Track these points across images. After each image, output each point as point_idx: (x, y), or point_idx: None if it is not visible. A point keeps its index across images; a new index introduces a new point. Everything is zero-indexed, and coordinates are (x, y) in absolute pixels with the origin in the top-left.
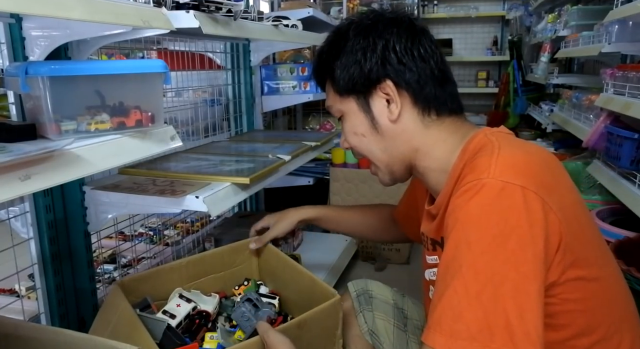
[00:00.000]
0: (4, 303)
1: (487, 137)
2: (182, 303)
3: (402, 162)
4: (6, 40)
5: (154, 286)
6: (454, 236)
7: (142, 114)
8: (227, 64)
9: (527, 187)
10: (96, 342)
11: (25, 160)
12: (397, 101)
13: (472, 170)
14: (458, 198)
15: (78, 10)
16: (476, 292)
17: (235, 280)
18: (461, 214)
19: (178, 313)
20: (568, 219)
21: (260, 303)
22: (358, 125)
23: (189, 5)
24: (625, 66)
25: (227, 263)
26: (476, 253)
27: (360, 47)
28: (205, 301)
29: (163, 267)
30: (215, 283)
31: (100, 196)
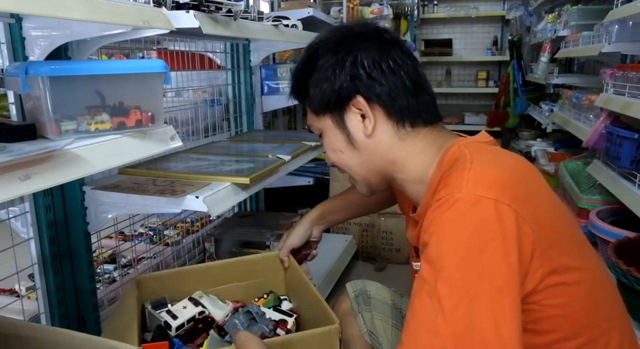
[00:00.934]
0: (4, 303)
1: (460, 150)
2: (190, 305)
3: (379, 174)
4: (6, 40)
5: (173, 286)
6: (429, 251)
7: (142, 114)
8: (227, 64)
9: (499, 200)
10: (96, 342)
11: (25, 160)
12: (370, 115)
13: (445, 185)
14: (432, 213)
15: (78, 10)
16: (451, 308)
17: (259, 291)
18: (435, 229)
19: (182, 314)
20: (543, 228)
21: (260, 318)
22: (335, 141)
23: (189, 5)
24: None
25: (251, 272)
26: (450, 268)
27: (330, 64)
28: (218, 308)
29: (183, 269)
30: (237, 292)
31: (100, 196)
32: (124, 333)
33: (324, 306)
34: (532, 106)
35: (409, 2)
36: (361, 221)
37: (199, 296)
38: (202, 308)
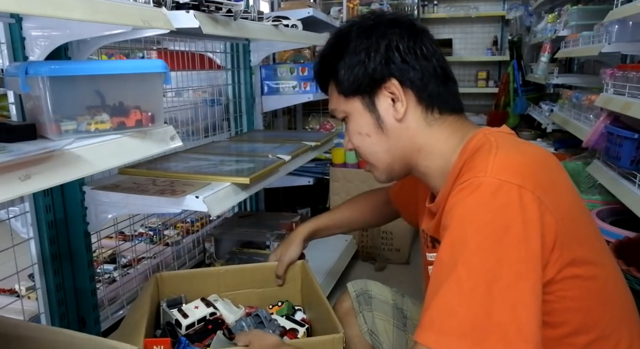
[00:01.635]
0: (4, 303)
1: (486, 137)
2: (202, 306)
3: (403, 161)
4: (6, 40)
5: (192, 286)
6: (450, 234)
7: (142, 114)
8: (227, 64)
9: (523, 186)
10: (96, 342)
11: (25, 160)
12: (403, 99)
13: (470, 169)
14: (455, 196)
15: (78, 10)
16: (469, 289)
17: (274, 299)
18: (457, 212)
19: (192, 314)
20: (564, 219)
21: (268, 323)
22: (363, 125)
23: (189, 5)
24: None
25: (268, 279)
26: (471, 251)
27: (364, 47)
28: (230, 311)
29: (203, 270)
30: (253, 298)
31: (100, 196)
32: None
33: (332, 316)
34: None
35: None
36: None
37: (214, 300)
38: (214, 309)
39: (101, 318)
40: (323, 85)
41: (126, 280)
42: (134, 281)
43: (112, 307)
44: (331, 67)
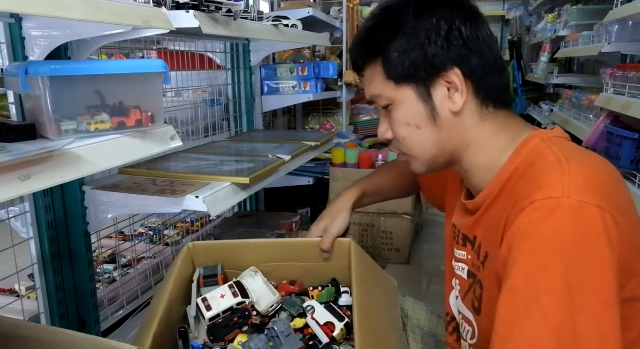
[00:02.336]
0: (4, 303)
1: (545, 144)
2: (228, 295)
3: (450, 155)
4: (6, 40)
5: (227, 257)
6: (526, 261)
7: (142, 114)
8: (227, 64)
9: (603, 207)
10: (96, 342)
11: (25, 160)
12: (464, 90)
13: (540, 187)
14: (526, 218)
15: (78, 10)
16: (557, 322)
17: (318, 275)
18: (534, 237)
19: (217, 305)
20: (633, 239)
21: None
22: (414, 115)
23: (189, 5)
24: (625, 66)
25: (314, 255)
26: (554, 279)
27: (424, 28)
28: (265, 295)
29: (238, 242)
30: (295, 272)
31: (100, 196)
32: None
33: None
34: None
35: None
36: (361, 221)
37: (253, 272)
38: (242, 298)
39: (101, 318)
40: (361, 64)
41: (126, 280)
42: (134, 281)
43: (112, 307)
44: (380, 46)
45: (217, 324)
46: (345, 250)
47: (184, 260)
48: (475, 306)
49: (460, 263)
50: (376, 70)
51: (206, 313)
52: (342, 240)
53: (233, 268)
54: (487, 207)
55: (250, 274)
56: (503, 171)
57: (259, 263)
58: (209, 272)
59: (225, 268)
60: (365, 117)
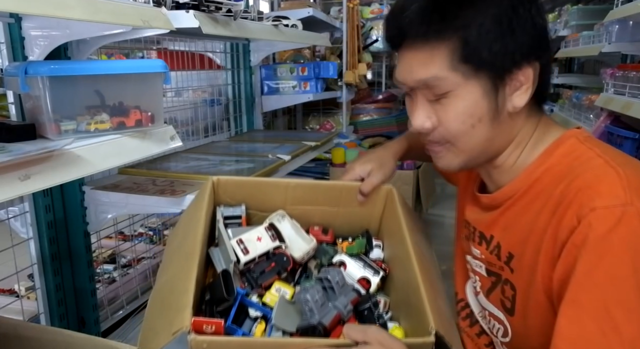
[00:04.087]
0: (3, 303)
1: (588, 147)
2: (266, 237)
3: (490, 155)
4: (6, 40)
5: (252, 196)
6: (592, 273)
7: (142, 114)
8: (227, 64)
9: None
10: (96, 342)
11: (25, 160)
12: (531, 89)
13: (598, 194)
14: (588, 227)
15: (78, 10)
16: (633, 336)
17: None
18: (599, 248)
19: (254, 248)
20: None
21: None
22: (477, 109)
23: (188, 5)
24: (626, 66)
25: (346, 200)
26: (626, 291)
27: (514, 15)
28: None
29: (266, 180)
30: (324, 217)
31: (100, 196)
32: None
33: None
34: None
35: None
36: None
37: (281, 216)
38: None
39: (101, 318)
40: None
41: (126, 280)
42: (134, 281)
43: (112, 307)
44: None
45: (251, 269)
46: (382, 198)
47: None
48: (507, 306)
49: (477, 261)
50: (443, 49)
51: (242, 256)
52: (383, 187)
53: (257, 209)
54: (509, 205)
55: (277, 219)
56: (532, 169)
57: (286, 204)
58: (230, 212)
59: (248, 208)
60: (365, 117)
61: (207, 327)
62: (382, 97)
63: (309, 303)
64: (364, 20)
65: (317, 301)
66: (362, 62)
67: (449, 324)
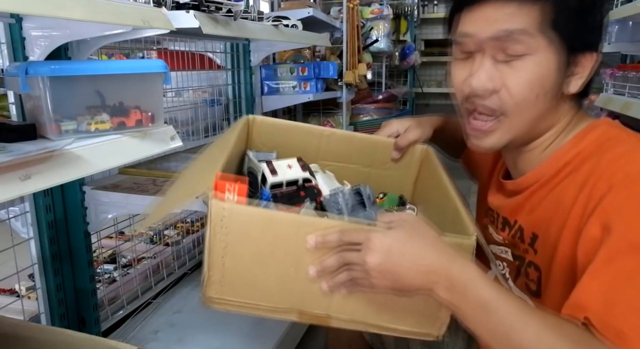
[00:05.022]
0: (4, 303)
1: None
2: (296, 166)
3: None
4: (6, 40)
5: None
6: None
7: (142, 114)
8: (227, 64)
9: None
10: (96, 342)
11: (25, 160)
12: (586, 78)
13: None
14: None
15: (78, 10)
16: None
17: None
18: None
19: (283, 173)
20: None
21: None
22: (548, 80)
23: (189, 5)
24: (625, 66)
25: (380, 159)
26: None
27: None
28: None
29: (303, 125)
30: (358, 177)
31: (100, 196)
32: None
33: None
34: None
35: (409, 2)
36: None
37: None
38: (310, 175)
39: (101, 318)
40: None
41: (126, 280)
42: (134, 281)
43: (112, 307)
44: None
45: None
46: (416, 159)
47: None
48: (532, 288)
49: (502, 247)
50: (534, 8)
51: (270, 177)
52: (418, 146)
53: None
54: (534, 189)
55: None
56: (561, 153)
57: (319, 158)
58: (261, 157)
59: (280, 157)
60: (365, 117)
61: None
62: (382, 97)
63: (339, 204)
64: (364, 20)
65: (348, 204)
66: (362, 62)
67: None
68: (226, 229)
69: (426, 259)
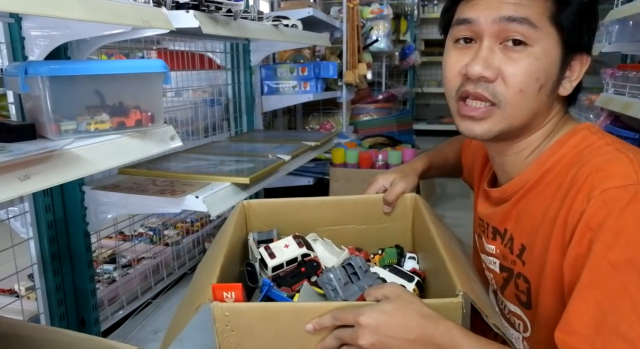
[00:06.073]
0: (3, 303)
1: (599, 137)
2: (293, 245)
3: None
4: (6, 40)
5: (283, 218)
6: (607, 253)
7: (142, 114)
8: (227, 64)
9: None
10: (95, 342)
11: (24, 160)
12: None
13: (610, 175)
14: (601, 208)
15: (78, 10)
16: None
17: (381, 238)
18: (613, 228)
19: (281, 254)
20: None
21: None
22: (548, 73)
23: (188, 5)
24: (626, 66)
25: (374, 215)
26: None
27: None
28: (332, 253)
29: (294, 200)
30: (356, 236)
31: (100, 196)
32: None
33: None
34: None
35: (409, 2)
36: None
37: (312, 239)
38: (308, 249)
39: (101, 318)
40: None
41: (126, 280)
42: (134, 281)
43: (112, 307)
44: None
45: (281, 275)
46: (409, 208)
47: (238, 219)
48: (522, 300)
49: (491, 257)
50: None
51: (269, 260)
52: (407, 195)
53: (289, 233)
54: (520, 196)
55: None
56: (543, 159)
57: (316, 225)
58: (263, 237)
59: (280, 233)
60: (365, 117)
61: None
62: (382, 97)
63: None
64: (364, 20)
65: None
66: (362, 62)
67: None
68: (231, 330)
69: (412, 328)
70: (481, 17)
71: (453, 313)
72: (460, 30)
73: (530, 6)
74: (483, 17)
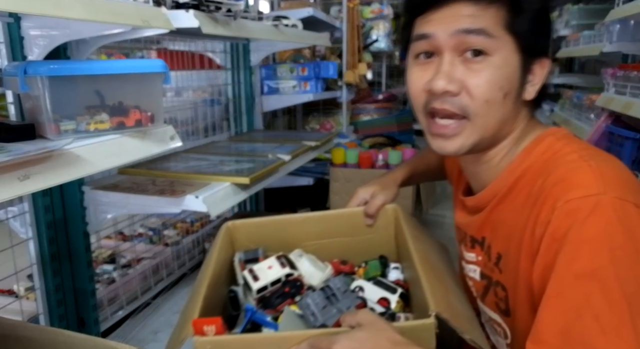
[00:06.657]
0: (2, 303)
1: (564, 144)
2: (276, 266)
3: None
4: (5, 40)
5: (269, 235)
6: (571, 264)
7: (141, 113)
8: (227, 63)
9: (637, 203)
10: (96, 342)
11: (24, 160)
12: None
13: (572, 185)
14: (565, 219)
15: (77, 10)
16: (614, 326)
17: (366, 250)
18: (576, 238)
19: (265, 276)
20: None
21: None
22: (510, 81)
23: (188, 5)
24: (627, 66)
25: (358, 228)
26: (608, 281)
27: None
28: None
29: (278, 218)
30: (341, 248)
31: (100, 196)
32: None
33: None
34: None
35: None
36: None
37: (298, 255)
38: (291, 268)
39: (100, 318)
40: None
41: (125, 280)
42: (134, 281)
43: (112, 307)
44: None
45: (267, 296)
46: (391, 218)
47: (222, 240)
48: (501, 307)
49: (471, 265)
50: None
51: (253, 283)
52: (388, 207)
53: (275, 250)
54: (494, 204)
55: (295, 257)
56: (513, 167)
57: (302, 241)
58: (250, 256)
59: (267, 250)
60: (366, 117)
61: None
62: (382, 97)
63: (310, 307)
64: (364, 20)
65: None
66: (362, 62)
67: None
68: None
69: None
70: (439, 32)
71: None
72: (420, 45)
73: (485, 17)
74: (440, 31)
